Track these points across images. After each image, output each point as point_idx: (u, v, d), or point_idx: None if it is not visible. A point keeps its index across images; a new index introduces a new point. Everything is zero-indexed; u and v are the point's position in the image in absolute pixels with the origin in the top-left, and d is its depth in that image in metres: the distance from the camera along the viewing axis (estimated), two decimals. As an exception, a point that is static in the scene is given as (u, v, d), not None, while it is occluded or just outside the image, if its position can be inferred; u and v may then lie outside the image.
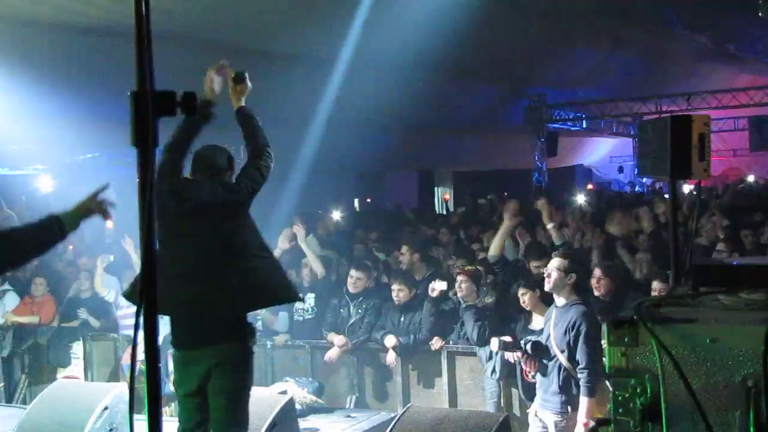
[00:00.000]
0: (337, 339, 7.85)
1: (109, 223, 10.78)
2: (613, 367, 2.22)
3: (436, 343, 7.58)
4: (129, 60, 1.83)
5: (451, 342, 7.62)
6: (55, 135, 12.25)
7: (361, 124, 16.31)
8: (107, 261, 9.43)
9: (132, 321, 6.52)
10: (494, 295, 7.22)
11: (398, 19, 12.95)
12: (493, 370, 6.91)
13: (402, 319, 7.71)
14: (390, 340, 7.65)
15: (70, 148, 13.68)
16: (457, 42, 14.18)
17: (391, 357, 7.69)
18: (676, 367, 2.10)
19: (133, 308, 9.09)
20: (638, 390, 2.17)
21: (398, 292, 7.69)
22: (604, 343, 2.37)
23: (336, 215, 13.20)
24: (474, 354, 7.34)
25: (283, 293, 4.64)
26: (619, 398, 2.20)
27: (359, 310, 7.92)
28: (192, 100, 1.88)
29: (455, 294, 7.43)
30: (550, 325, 5.78)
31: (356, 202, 15.99)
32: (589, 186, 24.89)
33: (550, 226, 7.63)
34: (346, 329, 7.92)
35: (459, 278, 7.27)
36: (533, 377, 6.00)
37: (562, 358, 5.62)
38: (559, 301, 5.78)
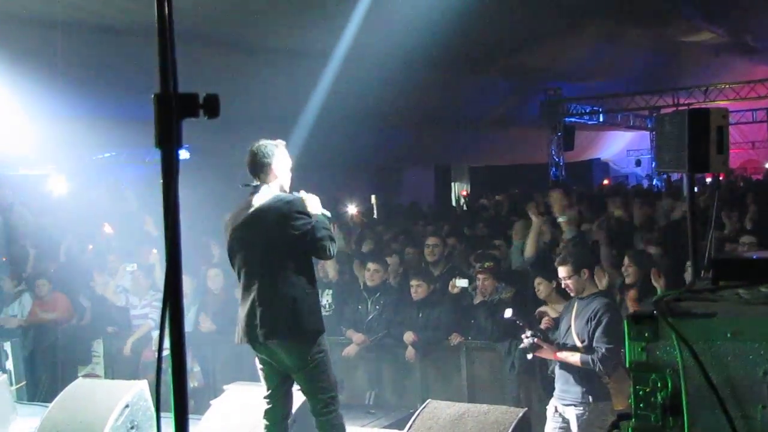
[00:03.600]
0: (356, 336, 7.89)
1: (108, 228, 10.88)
2: (633, 362, 2.23)
3: (455, 338, 7.61)
4: (144, 59, 1.87)
5: (470, 338, 7.64)
6: (67, 134, 12.32)
7: (376, 119, 16.30)
8: (132, 269, 9.46)
9: (142, 321, 6.64)
10: (511, 291, 7.25)
11: (409, 10, 12.86)
12: (512, 366, 6.93)
13: (420, 315, 7.74)
14: (409, 336, 7.69)
15: (83, 147, 13.76)
16: (472, 35, 14.13)
17: (410, 353, 7.73)
18: (696, 362, 2.11)
19: (145, 309, 9.13)
20: (659, 384, 2.18)
21: (416, 288, 7.72)
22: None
23: (351, 209, 13.20)
24: (493, 349, 7.36)
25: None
26: (640, 393, 2.21)
27: (377, 306, 7.95)
28: (215, 102, 1.92)
29: (474, 289, 7.47)
30: (570, 316, 5.78)
31: (373, 198, 15.99)
32: (606, 180, 24.79)
33: (561, 219, 7.61)
34: (364, 325, 7.95)
35: (480, 276, 7.32)
36: (551, 372, 6.00)
37: (582, 349, 5.63)
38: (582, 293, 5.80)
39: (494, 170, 24.76)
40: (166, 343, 1.93)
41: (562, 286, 5.82)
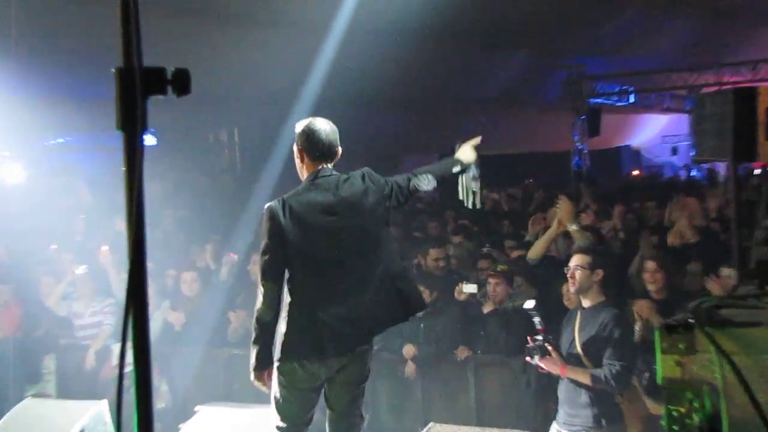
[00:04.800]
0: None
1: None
2: (666, 378, 2.23)
3: (461, 352, 7.63)
4: (108, 33, 1.87)
5: (479, 351, 7.65)
6: (19, 117, 12.30)
7: (371, 101, 16.29)
8: (82, 271, 9.45)
9: (93, 331, 6.58)
10: (533, 295, 7.26)
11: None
12: (528, 383, 6.94)
13: (421, 325, 7.75)
14: (409, 350, 7.70)
15: (32, 132, 13.73)
16: (482, 3, 14.13)
17: (409, 369, 7.74)
18: (739, 378, 2.11)
19: (95, 317, 9.11)
20: (695, 404, 2.19)
21: (419, 296, 7.73)
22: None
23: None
24: (506, 365, 7.38)
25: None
26: (674, 413, 2.22)
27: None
28: (185, 77, 1.92)
29: (484, 296, 7.48)
30: (573, 327, 5.83)
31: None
32: (636, 171, 24.80)
33: (572, 227, 7.52)
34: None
35: (491, 281, 7.32)
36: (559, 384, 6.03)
37: (590, 366, 5.67)
38: (586, 302, 5.84)
39: (508, 159, 24.78)
40: (129, 357, 1.94)
41: (567, 274, 5.87)
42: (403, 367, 7.80)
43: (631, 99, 22.98)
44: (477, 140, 5.33)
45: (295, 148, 4.90)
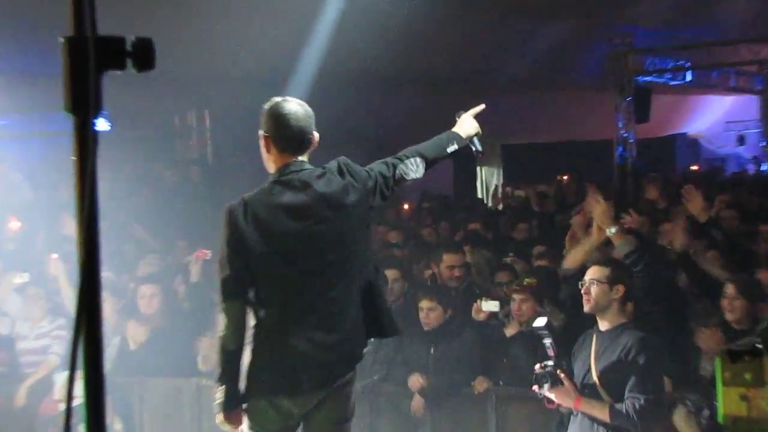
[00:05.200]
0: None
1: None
2: (729, 416, 2.25)
3: (479, 384, 7.63)
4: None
5: (501, 382, 7.66)
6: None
7: (376, 80, 16.30)
8: (21, 280, 9.45)
9: (37, 358, 6.59)
10: (560, 315, 7.27)
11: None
12: (561, 423, 6.95)
13: (432, 350, 7.75)
14: (415, 381, 7.70)
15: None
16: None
17: (416, 403, 7.74)
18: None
19: (41, 340, 9.16)
20: (765, 447, 2.20)
21: (428, 312, 7.72)
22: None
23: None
24: (532, 398, 7.37)
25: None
26: (738, 459, 2.23)
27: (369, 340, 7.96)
28: (148, 48, 1.92)
29: (507, 315, 7.49)
30: (589, 352, 5.87)
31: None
32: (695, 166, 24.74)
33: (612, 230, 7.40)
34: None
35: (516, 297, 7.34)
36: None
37: (608, 399, 5.69)
38: (603, 324, 5.88)
39: (537, 149, 24.78)
40: (77, 390, 1.94)
41: (582, 289, 5.90)
42: (409, 401, 7.80)
43: (688, 77, 22.92)
44: (479, 108, 5.36)
45: (260, 134, 4.83)
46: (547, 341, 5.88)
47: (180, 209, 13.29)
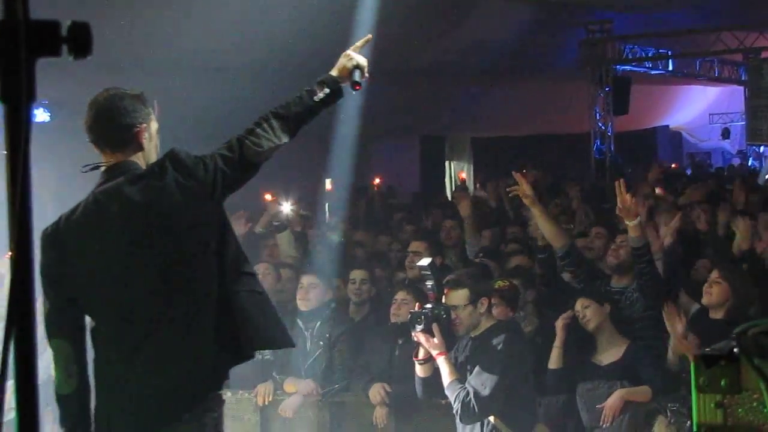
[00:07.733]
0: (302, 385, 7.87)
1: None
2: (703, 425, 2.24)
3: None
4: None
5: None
6: None
7: (330, 69, 16.24)
8: None
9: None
10: (534, 320, 7.31)
11: None
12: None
13: (396, 353, 7.71)
14: (376, 392, 7.66)
15: None
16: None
17: (380, 413, 7.72)
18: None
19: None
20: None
21: (400, 304, 7.58)
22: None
23: (286, 207, 13.16)
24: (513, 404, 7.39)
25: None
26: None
27: (320, 341, 7.93)
28: (85, 33, 1.91)
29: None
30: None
31: (328, 183, 15.96)
32: (673, 164, 24.85)
33: (633, 222, 7.34)
34: (303, 372, 7.94)
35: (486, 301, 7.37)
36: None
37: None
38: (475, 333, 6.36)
39: (509, 143, 24.81)
40: (9, 401, 1.93)
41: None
42: (372, 411, 7.78)
43: (670, 66, 23.05)
44: (364, 39, 4.79)
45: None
46: (429, 283, 6.21)
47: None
